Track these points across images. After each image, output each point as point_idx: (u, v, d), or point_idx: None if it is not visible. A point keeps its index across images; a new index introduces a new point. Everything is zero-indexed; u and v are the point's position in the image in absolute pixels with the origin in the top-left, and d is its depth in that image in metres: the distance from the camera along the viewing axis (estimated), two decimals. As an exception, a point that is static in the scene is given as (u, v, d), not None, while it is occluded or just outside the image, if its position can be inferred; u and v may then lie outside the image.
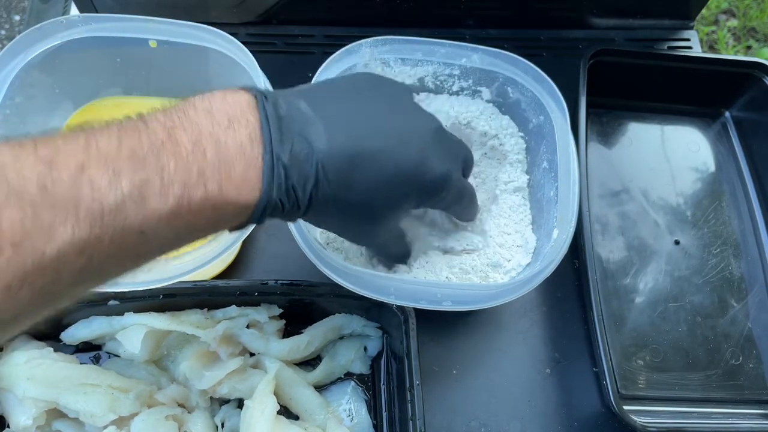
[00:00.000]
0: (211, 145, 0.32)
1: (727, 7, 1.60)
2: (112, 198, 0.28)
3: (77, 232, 0.27)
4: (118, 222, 0.28)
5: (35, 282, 0.26)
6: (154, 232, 0.30)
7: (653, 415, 0.56)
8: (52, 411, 0.49)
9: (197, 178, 0.31)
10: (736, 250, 0.66)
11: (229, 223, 0.35)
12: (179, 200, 0.30)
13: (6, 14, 1.58)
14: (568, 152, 0.53)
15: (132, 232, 0.29)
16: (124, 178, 0.28)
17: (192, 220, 0.31)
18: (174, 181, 0.30)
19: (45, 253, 0.26)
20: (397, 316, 0.50)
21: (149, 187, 0.29)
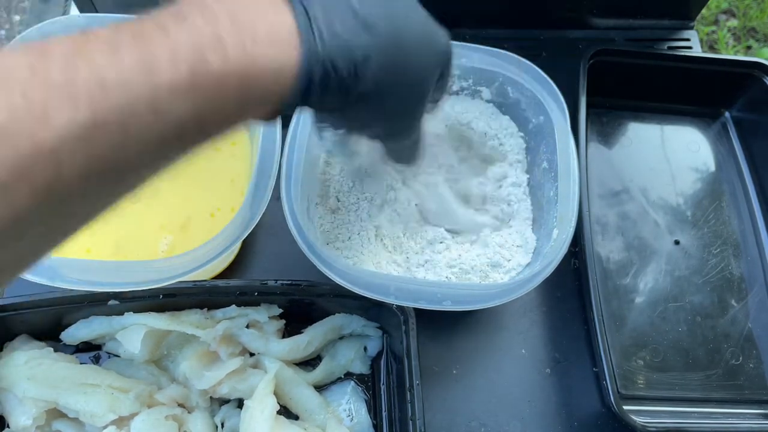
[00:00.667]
0: (224, 11, 0.27)
1: (727, 7, 1.60)
2: (113, 72, 0.24)
3: (78, 115, 0.23)
4: (124, 99, 0.24)
5: (34, 177, 0.23)
6: (169, 110, 0.25)
7: (653, 415, 0.56)
8: (52, 411, 0.49)
9: (213, 42, 0.26)
10: (736, 250, 0.66)
11: (264, 100, 0.29)
12: (194, 68, 0.26)
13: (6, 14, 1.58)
14: (568, 152, 0.53)
15: (142, 111, 0.25)
16: (126, 53, 0.25)
17: (215, 93, 0.27)
18: (183, 48, 0.26)
19: (40, 140, 0.23)
20: (397, 316, 0.50)
21: (156, 57, 0.25)
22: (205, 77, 0.26)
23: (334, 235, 0.55)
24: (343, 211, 0.56)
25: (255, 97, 0.28)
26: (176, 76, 0.25)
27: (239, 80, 0.27)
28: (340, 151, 0.53)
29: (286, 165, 0.51)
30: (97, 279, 0.47)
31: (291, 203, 0.49)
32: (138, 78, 0.24)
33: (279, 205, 0.49)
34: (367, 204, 0.55)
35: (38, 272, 0.46)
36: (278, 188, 0.50)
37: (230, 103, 0.28)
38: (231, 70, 0.27)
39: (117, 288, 0.48)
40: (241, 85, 0.27)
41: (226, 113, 0.28)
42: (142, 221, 0.55)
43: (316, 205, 0.56)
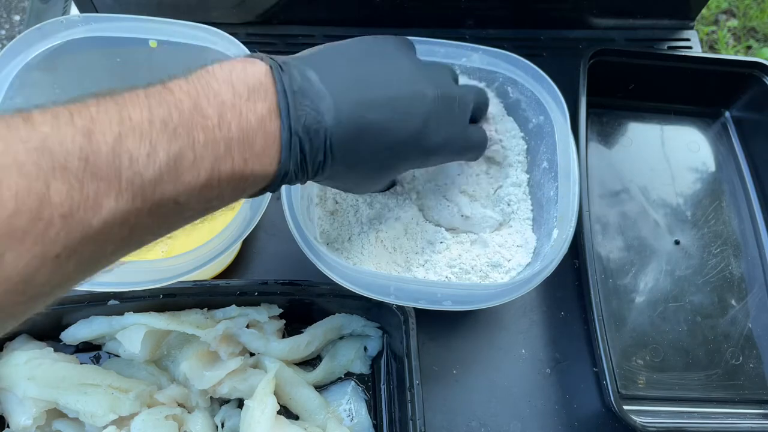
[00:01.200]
0: (235, 119, 0.33)
1: (727, 7, 1.60)
2: (150, 171, 0.29)
3: (120, 204, 0.28)
4: (157, 194, 0.29)
5: (82, 252, 0.27)
6: (187, 203, 0.32)
7: (653, 415, 0.56)
8: (52, 411, 0.49)
9: (224, 152, 0.33)
10: (736, 250, 0.66)
11: (250, 191, 0.37)
12: (210, 173, 0.32)
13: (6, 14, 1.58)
14: (568, 152, 0.53)
15: (168, 203, 0.30)
16: (161, 151, 0.29)
17: (220, 191, 0.33)
18: (204, 156, 0.32)
19: (92, 224, 0.27)
20: (397, 316, 0.50)
21: (183, 160, 0.30)
22: (217, 180, 0.33)
23: (334, 236, 0.55)
24: (341, 212, 0.56)
25: (246, 188, 0.36)
26: (197, 180, 0.31)
27: (239, 180, 0.34)
28: None
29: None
30: (97, 279, 0.47)
31: (291, 203, 0.49)
32: (168, 178, 0.30)
33: (279, 205, 0.49)
34: (367, 207, 0.55)
35: (38, 272, 0.46)
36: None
37: (229, 193, 0.35)
38: (235, 175, 0.34)
39: (117, 288, 0.48)
40: (239, 182, 0.35)
41: (225, 199, 0.35)
42: (142, 221, 0.55)
43: (315, 206, 0.56)
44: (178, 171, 0.30)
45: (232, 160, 0.33)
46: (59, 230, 0.26)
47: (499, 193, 0.58)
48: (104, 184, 0.27)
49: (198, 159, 0.31)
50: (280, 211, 0.49)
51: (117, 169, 0.28)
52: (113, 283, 0.48)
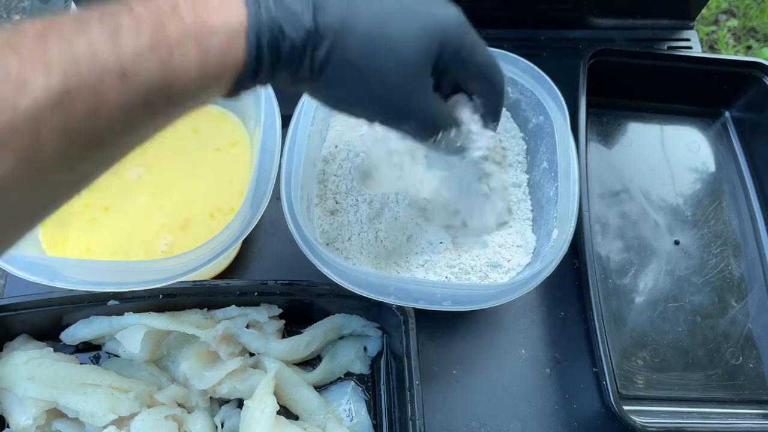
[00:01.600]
0: None
1: (727, 7, 1.60)
2: (83, 43, 0.26)
3: (52, 82, 0.25)
4: (94, 66, 0.26)
5: (15, 144, 0.24)
6: (135, 75, 0.27)
7: (653, 415, 0.56)
8: (52, 411, 0.49)
9: (171, 12, 0.29)
10: (736, 250, 0.66)
11: (222, 64, 0.31)
12: (154, 34, 0.28)
13: (6, 14, 1.58)
14: (568, 152, 0.53)
15: (110, 76, 0.27)
16: (93, 26, 0.27)
17: (175, 60, 0.28)
18: (143, 17, 0.28)
19: (18, 107, 0.24)
20: (396, 316, 0.50)
21: (120, 27, 0.27)
22: (165, 42, 0.28)
23: (334, 236, 0.55)
24: (341, 212, 0.56)
25: (212, 63, 0.30)
26: (139, 43, 0.27)
27: (195, 43, 0.29)
28: None
29: (285, 165, 0.51)
30: (97, 279, 0.47)
31: (291, 203, 0.49)
32: (105, 47, 0.26)
33: (279, 205, 0.50)
34: (367, 206, 0.55)
35: (38, 272, 0.47)
36: (278, 188, 0.50)
37: (190, 68, 0.29)
38: (187, 33, 0.29)
39: (117, 288, 0.48)
40: (197, 48, 0.29)
41: (187, 80, 0.29)
42: (142, 221, 0.55)
43: (315, 206, 0.56)
44: (115, 37, 0.27)
45: (180, 17, 0.29)
46: None
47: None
48: (29, 62, 0.24)
49: (137, 22, 0.28)
50: (280, 211, 0.49)
51: (44, 49, 0.25)
52: (113, 283, 0.48)
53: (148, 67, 0.28)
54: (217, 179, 0.57)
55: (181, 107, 0.31)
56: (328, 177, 0.56)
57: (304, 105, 0.53)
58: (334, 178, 0.56)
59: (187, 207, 0.56)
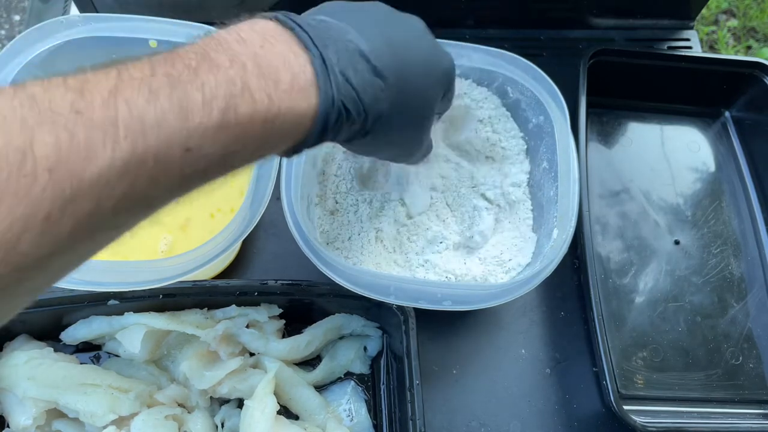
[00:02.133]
0: (250, 60, 0.30)
1: (727, 7, 1.60)
2: (152, 114, 0.26)
3: (118, 153, 0.25)
4: (162, 138, 0.26)
5: (76, 211, 0.24)
6: (199, 149, 0.28)
7: (653, 415, 0.56)
8: (52, 411, 0.49)
9: (242, 90, 0.29)
10: (736, 250, 0.66)
11: (284, 140, 0.32)
12: (224, 113, 0.28)
13: (6, 14, 1.58)
14: (568, 152, 0.53)
15: (176, 149, 0.27)
16: (162, 95, 0.26)
17: (241, 135, 0.29)
18: (216, 95, 0.28)
19: (84, 177, 0.24)
20: (396, 316, 0.50)
21: (190, 101, 0.27)
22: (234, 121, 0.28)
23: (334, 235, 0.55)
24: (341, 212, 0.56)
25: (275, 138, 0.31)
26: (208, 120, 0.27)
27: (263, 124, 0.30)
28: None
29: (285, 165, 0.51)
30: (97, 279, 0.47)
31: (291, 203, 0.49)
32: (173, 120, 0.26)
33: (279, 205, 0.50)
34: (367, 206, 0.55)
35: (38, 272, 0.46)
36: (278, 188, 0.50)
37: (254, 143, 0.30)
38: (257, 115, 0.29)
39: (117, 288, 0.48)
40: (264, 128, 0.30)
41: (249, 152, 0.30)
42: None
43: (315, 206, 0.56)
44: (185, 112, 0.27)
45: (251, 97, 0.29)
46: (46, 185, 0.23)
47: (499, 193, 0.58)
48: (98, 133, 0.24)
49: (208, 99, 0.27)
50: (280, 211, 0.49)
51: (113, 117, 0.25)
52: (113, 283, 0.48)
53: (213, 143, 0.28)
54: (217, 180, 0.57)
55: (237, 169, 0.32)
56: (328, 177, 0.56)
57: (304, 105, 0.53)
58: (334, 178, 0.56)
59: (187, 207, 0.56)
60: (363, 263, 0.53)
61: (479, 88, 0.59)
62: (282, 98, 0.30)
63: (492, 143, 0.59)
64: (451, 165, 0.57)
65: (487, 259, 0.55)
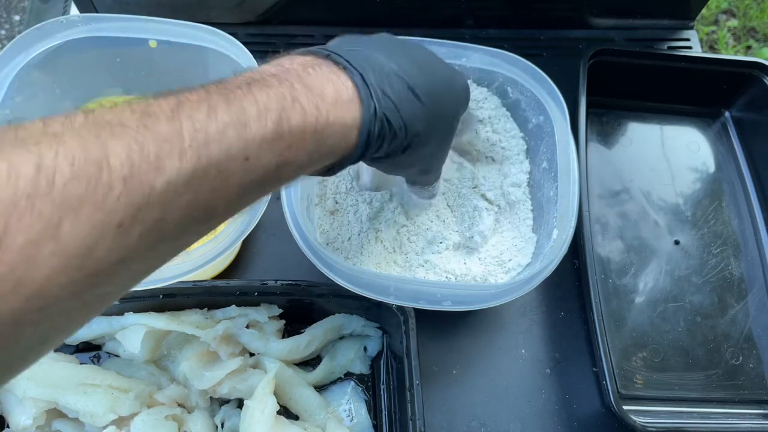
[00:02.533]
0: (296, 80, 0.32)
1: (727, 7, 1.60)
2: (213, 127, 0.28)
3: (185, 163, 0.26)
4: (223, 149, 0.28)
5: (145, 219, 0.26)
6: (257, 159, 0.30)
7: (653, 415, 0.56)
8: (52, 411, 0.49)
9: (292, 102, 0.31)
10: (736, 250, 0.66)
11: (333, 152, 0.34)
12: (278, 124, 0.30)
13: (6, 14, 1.58)
14: (568, 152, 0.53)
15: (236, 160, 0.29)
16: (220, 110, 0.28)
17: (293, 144, 0.31)
18: (269, 107, 0.30)
19: (155, 186, 0.25)
20: (396, 316, 0.50)
21: (246, 114, 0.29)
22: (287, 131, 0.30)
23: (333, 236, 0.55)
24: (341, 212, 0.56)
25: (325, 149, 0.33)
26: (263, 131, 0.29)
27: (313, 134, 0.32)
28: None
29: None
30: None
31: (291, 203, 0.49)
32: (233, 132, 0.28)
33: (279, 205, 0.50)
34: (367, 206, 0.55)
35: (38, 272, 0.46)
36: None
37: (305, 154, 0.32)
38: (308, 126, 0.31)
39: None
40: (315, 138, 0.32)
41: (300, 163, 0.32)
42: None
43: (315, 206, 0.56)
44: (242, 123, 0.29)
45: (302, 108, 0.31)
46: (119, 195, 0.24)
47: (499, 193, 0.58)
48: (166, 145, 0.26)
49: (262, 111, 0.30)
50: (280, 211, 0.49)
51: (177, 130, 0.27)
52: (113, 283, 0.48)
53: (269, 153, 0.30)
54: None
55: (288, 182, 0.34)
56: (328, 177, 0.56)
57: (304, 105, 0.53)
58: (334, 178, 0.56)
59: (187, 207, 0.56)
60: (363, 263, 0.53)
61: (479, 89, 0.59)
62: (329, 110, 0.32)
63: (492, 143, 0.59)
64: (453, 165, 0.58)
65: (487, 259, 0.55)
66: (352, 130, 0.34)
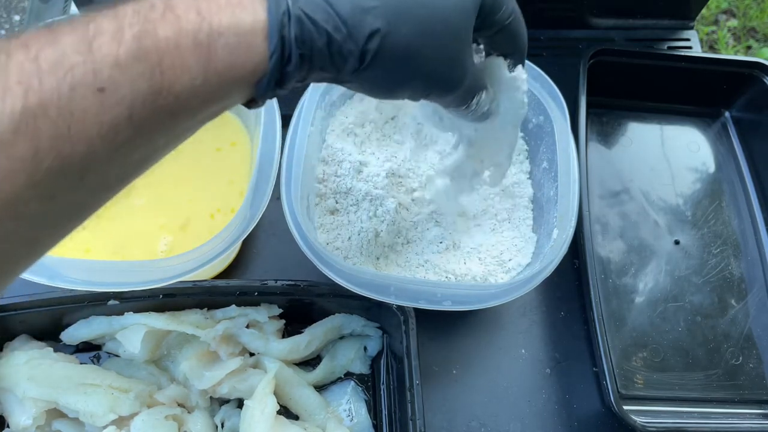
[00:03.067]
0: None
1: (727, 7, 1.60)
2: (49, 55, 0.22)
3: (8, 104, 0.22)
4: (62, 80, 0.22)
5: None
6: (115, 88, 0.23)
7: (653, 415, 0.56)
8: (52, 411, 0.49)
9: (163, 11, 0.24)
10: (736, 250, 0.66)
11: (233, 68, 0.26)
12: (139, 39, 0.23)
13: (6, 14, 1.58)
14: (568, 152, 0.53)
15: (85, 91, 0.23)
16: (62, 34, 0.23)
17: (165, 63, 0.24)
18: (129, 21, 0.24)
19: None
20: (397, 316, 0.50)
21: (97, 31, 0.23)
22: (152, 47, 0.24)
23: (333, 235, 0.55)
24: (341, 212, 0.56)
25: (220, 66, 0.25)
26: (120, 50, 0.23)
27: (195, 47, 0.25)
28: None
29: (285, 165, 0.51)
30: (97, 279, 0.47)
31: (291, 203, 0.49)
32: (76, 58, 0.23)
33: (279, 205, 0.50)
34: (367, 206, 0.55)
35: (38, 272, 0.47)
36: (278, 188, 0.50)
37: (188, 76, 0.25)
38: (182, 36, 0.24)
39: (117, 288, 0.48)
40: (198, 54, 0.25)
41: (188, 90, 0.25)
42: (141, 221, 0.55)
43: (315, 206, 0.56)
44: (87, 43, 0.23)
45: (175, 16, 0.24)
46: None
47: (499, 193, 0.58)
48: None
49: (120, 27, 0.23)
50: (280, 211, 0.49)
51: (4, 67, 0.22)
52: (113, 283, 0.48)
53: (131, 78, 0.23)
54: (217, 179, 0.57)
55: (187, 121, 0.27)
56: (328, 177, 0.56)
57: (305, 105, 0.53)
58: (335, 178, 0.56)
59: (187, 207, 0.56)
60: (363, 263, 0.53)
61: None
62: (215, 12, 0.25)
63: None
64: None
65: (487, 259, 0.55)
66: (254, 37, 0.26)
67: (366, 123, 0.59)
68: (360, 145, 0.58)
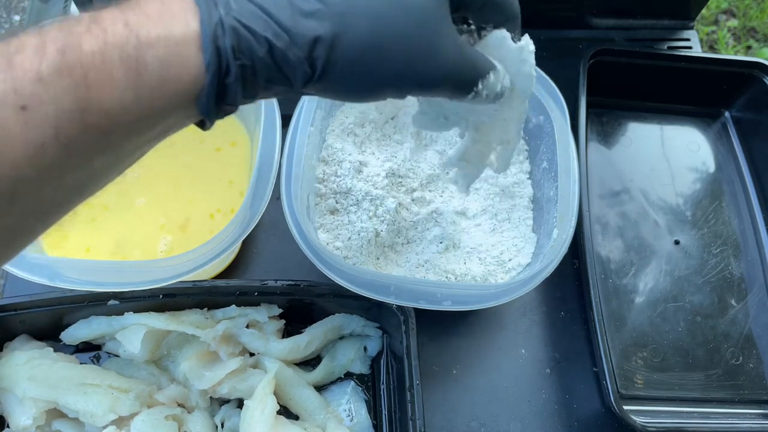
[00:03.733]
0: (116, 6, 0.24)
1: (727, 7, 1.60)
2: None
3: None
4: None
5: None
6: (38, 105, 0.22)
7: (653, 415, 0.56)
8: (52, 411, 0.49)
9: (88, 25, 0.23)
10: (736, 250, 0.66)
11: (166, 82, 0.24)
12: (63, 53, 0.22)
13: (6, 14, 1.58)
14: (568, 152, 0.53)
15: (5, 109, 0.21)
16: None
17: (91, 77, 0.23)
18: (52, 36, 0.22)
19: None
20: (397, 316, 0.50)
21: (19, 47, 0.22)
22: (77, 61, 0.22)
23: (333, 235, 0.55)
24: (341, 212, 0.56)
25: (152, 80, 0.24)
26: (42, 65, 0.22)
27: (123, 60, 0.23)
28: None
29: (285, 165, 0.51)
30: (97, 279, 0.47)
31: (291, 203, 0.49)
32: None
33: (279, 205, 0.50)
34: (367, 206, 0.55)
35: (38, 272, 0.47)
36: (278, 188, 0.50)
37: (118, 91, 0.23)
38: (109, 49, 0.23)
39: (117, 288, 0.48)
40: (127, 67, 0.23)
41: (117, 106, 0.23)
42: (141, 221, 0.55)
43: (315, 206, 0.56)
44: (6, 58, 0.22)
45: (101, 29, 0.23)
46: None
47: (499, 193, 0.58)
48: None
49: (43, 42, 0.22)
50: (280, 211, 0.49)
51: None
52: (113, 283, 0.48)
53: (55, 94, 0.22)
54: (217, 179, 0.57)
55: (124, 140, 0.25)
56: (328, 177, 0.56)
57: (304, 105, 0.53)
58: (335, 178, 0.56)
59: (186, 207, 0.56)
60: (363, 263, 0.53)
61: None
62: (143, 24, 0.24)
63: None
64: None
65: (487, 259, 0.55)
66: (187, 48, 0.24)
67: (366, 123, 0.59)
68: (360, 145, 0.58)
